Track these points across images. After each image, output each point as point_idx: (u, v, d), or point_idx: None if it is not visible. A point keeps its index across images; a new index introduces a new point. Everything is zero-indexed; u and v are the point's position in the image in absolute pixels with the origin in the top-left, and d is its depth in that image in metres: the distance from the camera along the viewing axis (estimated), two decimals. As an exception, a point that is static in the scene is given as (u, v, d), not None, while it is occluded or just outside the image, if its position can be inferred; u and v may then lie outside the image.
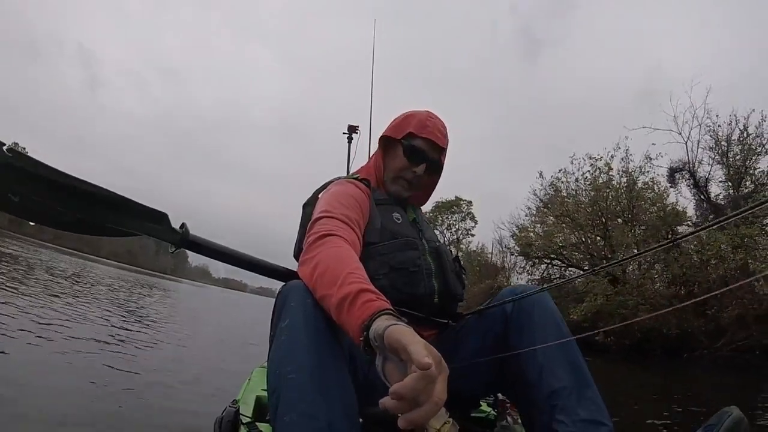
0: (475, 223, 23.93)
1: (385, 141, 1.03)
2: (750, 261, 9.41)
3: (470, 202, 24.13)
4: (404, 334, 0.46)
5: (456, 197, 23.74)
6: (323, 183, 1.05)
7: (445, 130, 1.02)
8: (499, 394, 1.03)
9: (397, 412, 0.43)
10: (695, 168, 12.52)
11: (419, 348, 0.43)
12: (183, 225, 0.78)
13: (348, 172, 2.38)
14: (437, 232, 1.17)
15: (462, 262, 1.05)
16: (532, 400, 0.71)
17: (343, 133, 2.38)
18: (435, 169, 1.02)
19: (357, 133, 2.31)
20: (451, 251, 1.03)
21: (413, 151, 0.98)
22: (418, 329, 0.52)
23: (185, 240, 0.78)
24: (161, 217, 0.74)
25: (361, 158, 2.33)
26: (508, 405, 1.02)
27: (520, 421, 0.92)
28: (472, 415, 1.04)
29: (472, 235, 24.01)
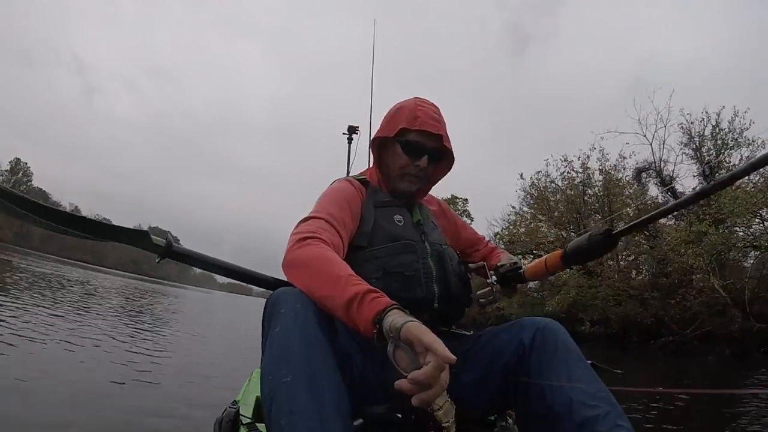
0: (471, 220, 23.68)
1: (381, 141, 0.96)
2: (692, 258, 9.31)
3: (466, 199, 24.11)
4: (423, 332, 0.52)
5: (452, 195, 23.63)
6: (330, 183, 1.00)
7: (439, 114, 0.93)
8: None
9: (411, 394, 0.51)
10: (661, 167, 12.80)
11: (442, 346, 0.50)
12: (166, 236, 0.79)
13: (348, 173, 2.34)
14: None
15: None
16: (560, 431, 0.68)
17: (343, 134, 2.32)
18: (438, 157, 0.94)
19: (357, 133, 2.25)
20: (457, 254, 0.95)
21: (410, 147, 0.91)
22: None
23: (169, 251, 0.78)
24: (143, 236, 0.77)
25: (361, 158, 2.24)
26: None
27: None
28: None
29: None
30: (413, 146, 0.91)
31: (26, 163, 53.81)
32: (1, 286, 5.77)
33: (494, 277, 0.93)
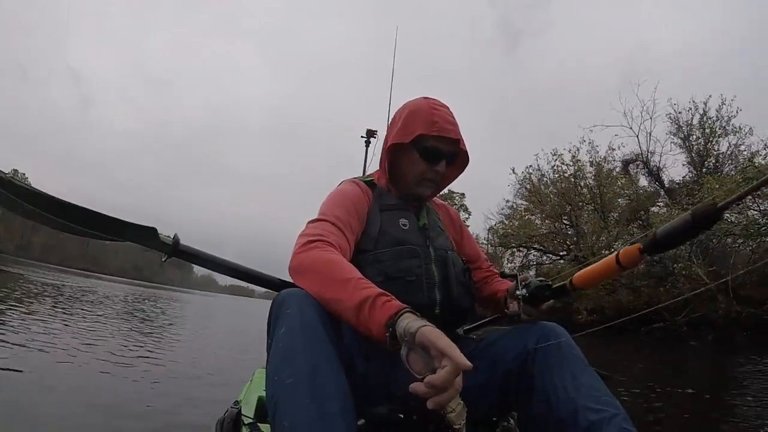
0: (469, 214, 23.15)
1: (393, 146, 0.91)
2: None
3: (462, 194, 23.63)
4: (439, 337, 0.52)
5: (449, 190, 23.32)
6: (337, 184, 0.99)
7: (453, 116, 0.89)
8: None
9: (426, 397, 0.51)
10: (648, 158, 12.86)
11: (458, 351, 0.51)
12: (174, 236, 0.78)
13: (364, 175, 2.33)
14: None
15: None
16: None
17: (361, 137, 2.33)
18: (454, 160, 0.92)
19: (375, 137, 2.25)
20: (462, 261, 0.92)
21: (429, 153, 0.87)
22: None
23: (176, 249, 0.77)
24: (151, 231, 0.76)
25: (377, 162, 2.28)
26: None
27: None
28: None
29: (467, 226, 23.61)
30: (432, 152, 0.87)
31: (24, 174, 53.31)
32: (16, 297, 5.77)
33: (524, 291, 0.80)
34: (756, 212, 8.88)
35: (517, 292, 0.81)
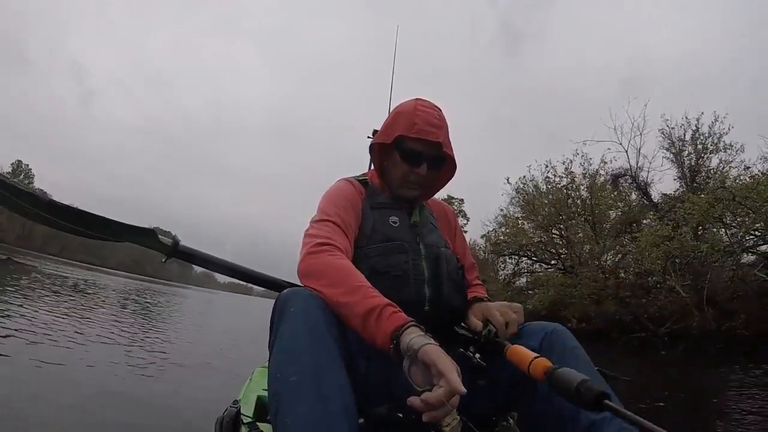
0: (467, 220, 22.93)
1: (380, 147, 0.90)
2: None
3: (462, 200, 23.39)
4: (439, 356, 0.53)
5: (448, 196, 22.98)
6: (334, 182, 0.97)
7: (439, 118, 0.86)
8: None
9: (422, 411, 0.52)
10: (636, 173, 12.95)
11: (456, 376, 0.52)
12: (174, 236, 0.76)
13: None
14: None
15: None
16: None
17: (368, 137, 2.35)
18: (438, 164, 0.88)
19: None
20: (456, 259, 0.89)
21: (408, 155, 0.85)
22: None
23: (175, 250, 0.76)
24: (150, 233, 0.75)
25: None
26: None
27: None
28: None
29: (465, 232, 23.54)
30: (411, 154, 0.85)
31: (27, 165, 52.62)
32: (20, 287, 5.70)
33: (477, 356, 0.75)
34: (734, 228, 8.93)
35: (476, 356, 0.74)
